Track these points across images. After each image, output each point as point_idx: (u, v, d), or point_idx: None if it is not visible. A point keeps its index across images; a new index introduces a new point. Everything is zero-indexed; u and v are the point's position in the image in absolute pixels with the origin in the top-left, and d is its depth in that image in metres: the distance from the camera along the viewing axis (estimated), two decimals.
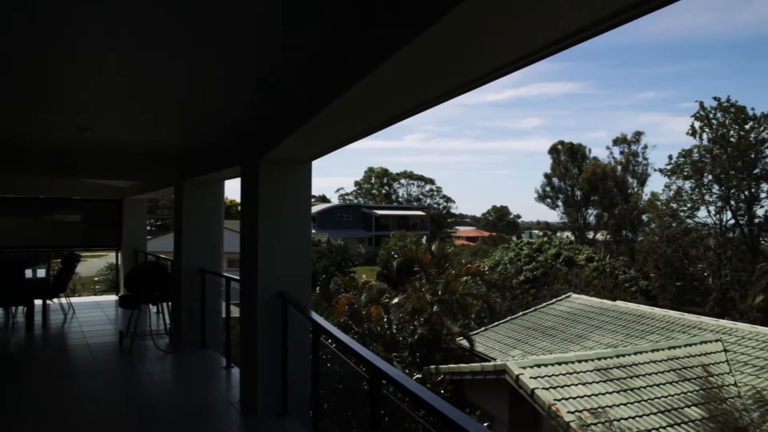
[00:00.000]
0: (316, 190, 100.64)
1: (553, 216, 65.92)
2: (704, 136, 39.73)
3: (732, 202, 39.51)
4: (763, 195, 38.87)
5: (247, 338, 5.38)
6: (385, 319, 13.95)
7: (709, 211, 40.41)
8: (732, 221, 39.77)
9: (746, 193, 38.87)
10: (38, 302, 9.67)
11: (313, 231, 50.40)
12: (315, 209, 62.98)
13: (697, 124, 39.77)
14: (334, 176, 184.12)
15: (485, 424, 9.79)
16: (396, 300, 15.33)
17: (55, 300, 10.44)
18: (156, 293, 8.18)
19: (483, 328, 18.67)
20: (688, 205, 41.27)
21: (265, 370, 5.13)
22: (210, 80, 4.01)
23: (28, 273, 11.15)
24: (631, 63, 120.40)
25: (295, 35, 2.98)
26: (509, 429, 11.01)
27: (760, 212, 39.03)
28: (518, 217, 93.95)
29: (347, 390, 5.11)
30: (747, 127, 38.15)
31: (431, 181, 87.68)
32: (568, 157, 57.81)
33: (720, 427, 7.02)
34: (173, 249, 8.43)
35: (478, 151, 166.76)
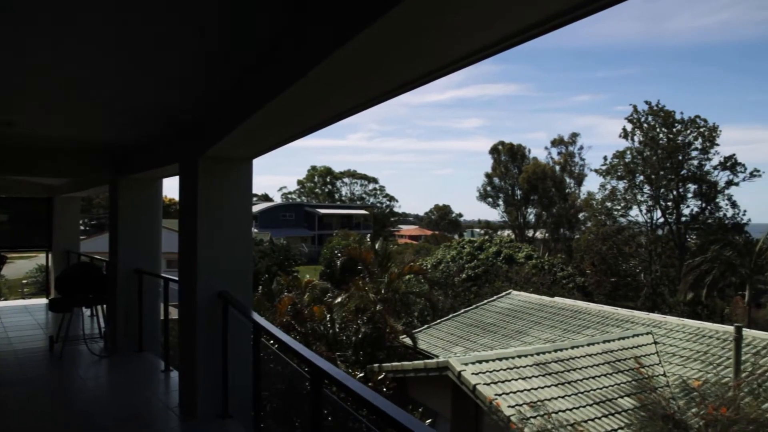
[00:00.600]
0: (259, 188, 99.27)
1: (494, 215, 67.44)
2: (636, 138, 41.52)
3: (661, 202, 41.45)
4: (689, 195, 41.00)
5: (186, 340, 5.25)
6: (328, 319, 13.89)
7: (640, 210, 42.39)
8: (661, 219, 41.80)
9: (674, 193, 40.85)
10: None
11: (255, 230, 49.76)
12: (257, 208, 62.26)
13: (629, 127, 41.52)
14: (276, 175, 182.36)
15: (428, 421, 9.89)
16: (339, 299, 15.30)
17: None
18: (90, 295, 7.87)
19: (426, 326, 18.86)
20: (622, 204, 43.10)
21: (205, 373, 5.02)
22: (144, 76, 3.89)
23: None
24: (569, 67, 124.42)
25: (234, 33, 2.92)
26: (452, 424, 11.17)
27: (686, 211, 41.18)
28: (460, 215, 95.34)
29: (290, 391, 5.07)
30: (675, 130, 40.04)
31: (374, 180, 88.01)
32: (508, 158, 59.13)
33: (650, 415, 7.35)
34: (108, 249, 8.13)
35: (421, 150, 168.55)
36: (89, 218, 54.77)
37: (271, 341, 4.27)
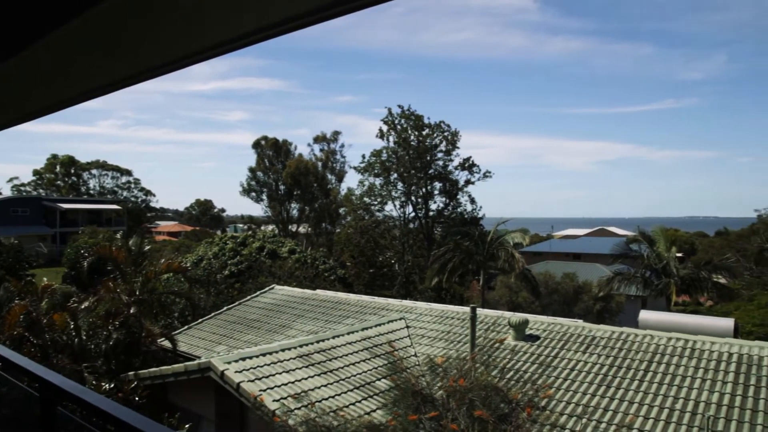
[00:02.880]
0: None
1: (258, 210, 67.03)
2: (391, 139, 45.07)
3: (413, 198, 45.67)
4: (436, 192, 45.98)
5: None
6: (72, 327, 12.45)
7: (395, 205, 46.25)
8: (413, 214, 46.06)
9: (423, 190, 45.28)
10: None
11: None
12: None
13: (384, 128, 44.89)
14: (6, 163, 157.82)
15: (187, 426, 9.46)
16: (86, 304, 13.80)
17: None
18: None
19: (187, 327, 18.07)
20: (378, 199, 46.45)
21: None
22: None
23: None
24: (332, 67, 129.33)
25: None
26: (217, 426, 10.83)
27: (433, 206, 46.12)
28: (223, 211, 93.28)
29: (19, 414, 4.39)
30: (424, 133, 44.37)
31: (128, 172, 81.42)
32: (272, 152, 59.29)
33: (402, 393, 7.93)
34: None
35: (181, 142, 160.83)
36: None
37: None
